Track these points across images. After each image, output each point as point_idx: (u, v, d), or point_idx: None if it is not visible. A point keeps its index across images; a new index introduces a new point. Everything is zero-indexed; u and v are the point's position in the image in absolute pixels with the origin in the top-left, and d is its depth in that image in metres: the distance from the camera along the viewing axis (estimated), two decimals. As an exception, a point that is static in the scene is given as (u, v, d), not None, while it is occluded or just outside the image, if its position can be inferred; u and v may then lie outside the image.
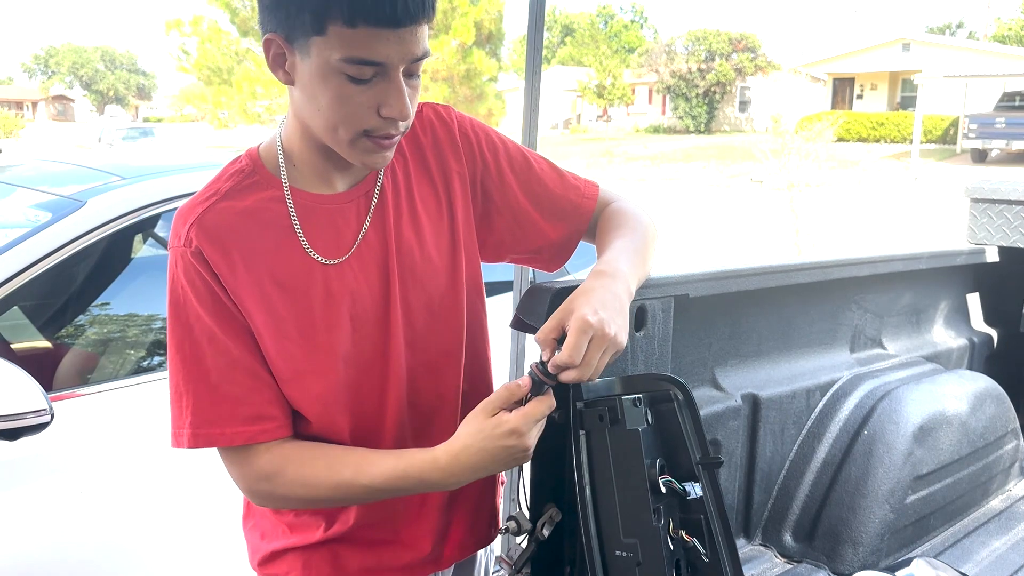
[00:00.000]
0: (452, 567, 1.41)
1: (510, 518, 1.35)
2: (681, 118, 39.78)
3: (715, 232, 10.95)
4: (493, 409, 1.14)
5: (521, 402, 1.14)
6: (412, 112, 1.11)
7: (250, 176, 1.19)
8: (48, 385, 2.07)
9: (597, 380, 1.32)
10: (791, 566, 1.85)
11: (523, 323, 1.39)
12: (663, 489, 1.28)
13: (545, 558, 1.36)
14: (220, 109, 18.54)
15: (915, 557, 1.63)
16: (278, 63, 1.09)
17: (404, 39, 1.04)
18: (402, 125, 1.11)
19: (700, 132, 38.38)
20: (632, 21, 70.63)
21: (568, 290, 1.34)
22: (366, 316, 1.21)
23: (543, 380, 1.11)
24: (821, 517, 1.89)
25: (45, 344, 2.44)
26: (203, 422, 1.14)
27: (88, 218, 2.19)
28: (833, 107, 36.34)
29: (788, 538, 1.92)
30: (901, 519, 1.89)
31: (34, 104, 71.87)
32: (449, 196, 1.28)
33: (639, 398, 1.30)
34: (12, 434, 1.77)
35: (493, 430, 1.12)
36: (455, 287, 1.28)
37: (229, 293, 1.14)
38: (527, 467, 1.35)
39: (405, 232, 1.23)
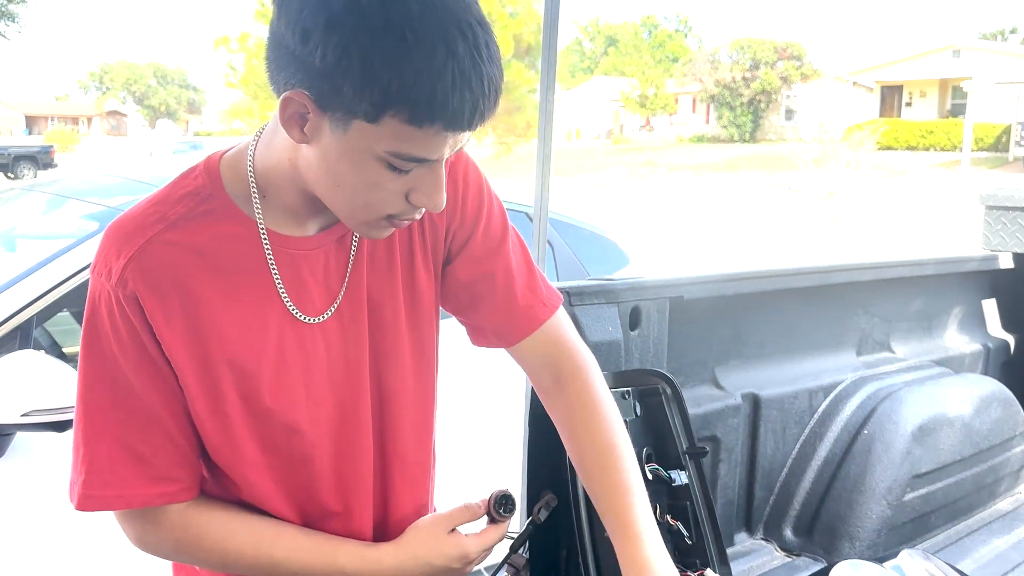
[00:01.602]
0: None
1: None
2: (725, 127, 39.59)
3: (749, 240, 10.94)
4: (451, 526, 1.10)
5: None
6: (443, 203, 0.97)
7: (205, 202, 1.00)
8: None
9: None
10: (790, 559, 1.93)
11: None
12: (649, 476, 1.38)
13: (543, 541, 1.46)
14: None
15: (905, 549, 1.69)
16: (297, 121, 0.90)
17: (460, 138, 0.92)
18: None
19: (745, 141, 38.15)
20: (676, 31, 70.45)
21: (562, 291, 1.44)
22: (333, 382, 1.06)
23: (500, 517, 1.14)
24: (820, 513, 1.96)
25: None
26: (99, 482, 1.00)
27: (133, 227, 2.35)
28: (881, 115, 35.87)
29: (789, 533, 1.99)
30: (899, 516, 1.95)
31: (89, 119, 73.83)
32: (422, 248, 1.11)
33: (628, 391, 1.40)
34: (60, 426, 1.91)
35: (446, 549, 1.09)
36: (425, 355, 1.13)
37: (161, 346, 0.98)
38: (524, 455, 1.45)
39: (384, 290, 1.08)
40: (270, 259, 1.01)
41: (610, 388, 1.39)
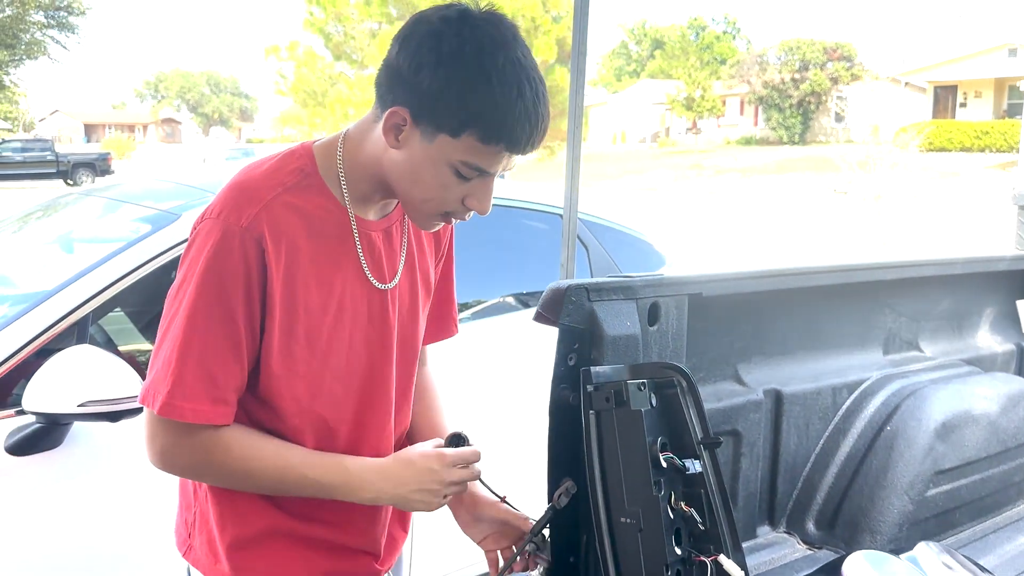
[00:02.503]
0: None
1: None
2: (774, 129, 39.17)
3: (791, 243, 10.85)
4: (435, 445, 1.41)
5: None
6: (488, 210, 1.29)
7: (308, 177, 1.30)
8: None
9: (607, 367, 1.49)
10: (812, 552, 1.96)
11: (544, 317, 1.56)
12: (663, 464, 1.44)
13: (564, 526, 1.53)
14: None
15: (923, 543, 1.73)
16: (394, 131, 1.23)
17: (512, 160, 1.25)
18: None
19: (794, 143, 37.70)
20: (724, 32, 69.88)
21: (580, 287, 1.52)
22: (379, 341, 1.38)
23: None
24: (842, 507, 1.99)
25: (147, 347, 2.74)
26: (180, 395, 1.21)
27: (183, 230, 2.46)
28: (934, 116, 35.17)
29: (811, 526, 2.02)
30: (921, 511, 1.97)
31: (145, 127, 75.58)
32: (434, 251, 1.52)
33: (644, 383, 1.46)
34: (114, 416, 2.03)
35: (427, 452, 1.38)
36: (418, 331, 1.50)
37: (267, 283, 1.23)
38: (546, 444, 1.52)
39: (415, 273, 1.45)
40: (355, 232, 1.32)
41: (627, 380, 1.46)
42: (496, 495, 1.50)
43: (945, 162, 26.41)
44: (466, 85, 1.17)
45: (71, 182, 28.00)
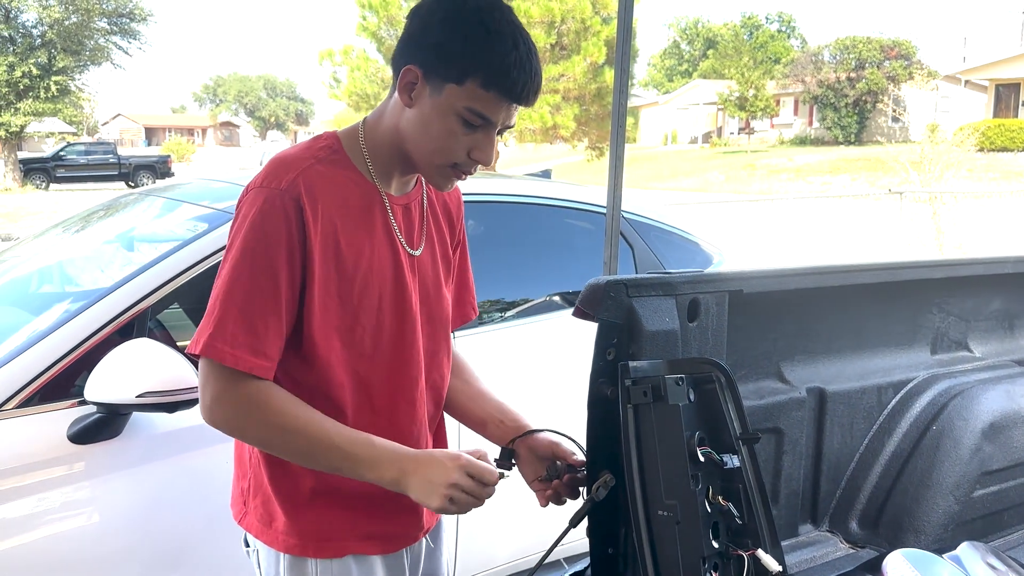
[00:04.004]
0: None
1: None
2: (829, 128, 38.50)
3: (843, 243, 10.67)
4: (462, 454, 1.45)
5: None
6: (491, 161, 1.45)
7: (335, 153, 1.45)
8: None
9: (645, 362, 1.51)
10: (854, 551, 1.95)
11: (583, 312, 1.59)
12: (701, 458, 1.45)
13: (603, 518, 1.55)
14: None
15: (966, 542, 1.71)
16: (407, 89, 1.40)
17: (511, 111, 1.40)
18: (479, 167, 1.46)
19: (850, 143, 37.00)
20: (779, 31, 68.91)
21: (619, 283, 1.54)
22: (405, 303, 1.49)
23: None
24: (886, 507, 1.98)
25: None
26: (220, 338, 1.33)
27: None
28: (995, 115, 34.21)
29: (854, 525, 2.01)
30: (967, 512, 1.95)
31: (203, 130, 77.17)
32: (449, 234, 1.64)
33: (681, 378, 1.48)
34: (171, 407, 2.11)
35: (450, 452, 1.45)
36: (444, 303, 1.61)
37: (307, 241, 1.36)
38: (583, 440, 1.55)
39: (435, 243, 1.58)
40: (386, 203, 1.47)
41: (664, 375, 1.48)
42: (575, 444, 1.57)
43: (1009, 162, 25.69)
44: (468, 37, 1.34)
45: (132, 184, 28.75)
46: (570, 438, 1.55)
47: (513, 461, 1.55)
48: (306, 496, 1.47)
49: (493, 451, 1.57)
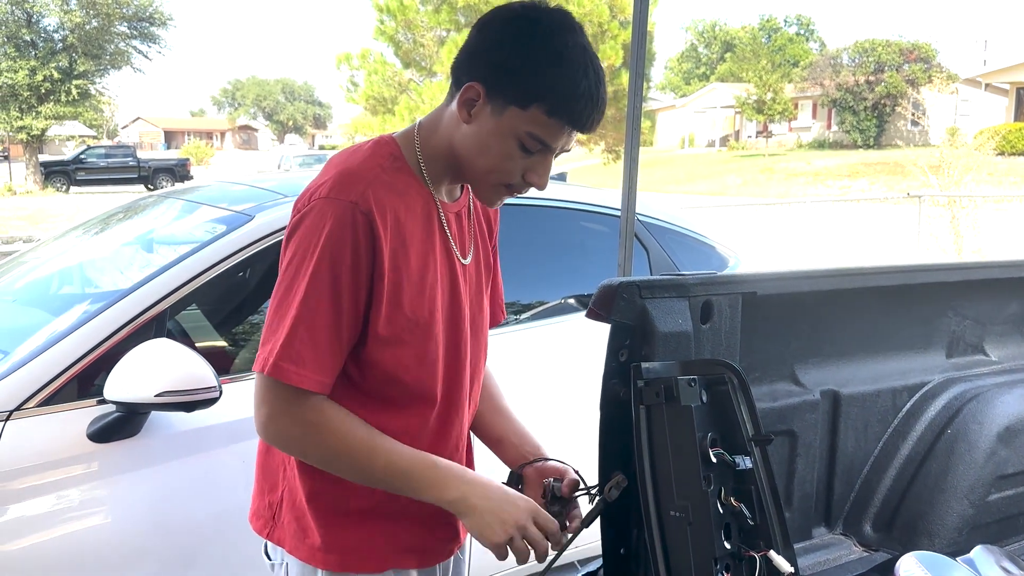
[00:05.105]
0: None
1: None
2: (848, 132, 38.25)
3: (861, 247, 10.61)
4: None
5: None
6: (545, 185, 1.42)
7: (398, 161, 1.41)
8: (225, 371, 2.45)
9: (658, 363, 1.52)
10: (868, 554, 1.95)
11: (596, 313, 1.60)
12: (713, 459, 1.46)
13: (615, 519, 1.56)
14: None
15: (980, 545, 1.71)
16: (467, 105, 1.36)
17: (571, 137, 1.37)
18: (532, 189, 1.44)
19: (869, 147, 36.76)
20: (797, 34, 68.62)
21: (632, 284, 1.55)
22: (457, 314, 1.48)
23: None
24: (900, 510, 1.98)
25: (221, 343, 2.85)
26: (286, 358, 1.30)
27: (255, 230, 2.56)
28: (1016, 119, 33.89)
29: (868, 529, 2.01)
30: (982, 516, 1.94)
31: (222, 134, 77.67)
32: (489, 240, 1.63)
33: (694, 379, 1.48)
34: (189, 407, 2.14)
35: (515, 495, 1.43)
36: (485, 313, 1.60)
37: (376, 256, 1.33)
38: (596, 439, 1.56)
39: (480, 252, 1.57)
40: (440, 213, 1.44)
41: (677, 376, 1.49)
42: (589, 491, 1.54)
43: (1030, 166, 25.44)
44: (538, 62, 1.30)
45: (151, 187, 29.00)
46: (576, 471, 1.56)
47: (520, 486, 1.56)
48: (350, 513, 1.45)
49: (502, 470, 1.60)
